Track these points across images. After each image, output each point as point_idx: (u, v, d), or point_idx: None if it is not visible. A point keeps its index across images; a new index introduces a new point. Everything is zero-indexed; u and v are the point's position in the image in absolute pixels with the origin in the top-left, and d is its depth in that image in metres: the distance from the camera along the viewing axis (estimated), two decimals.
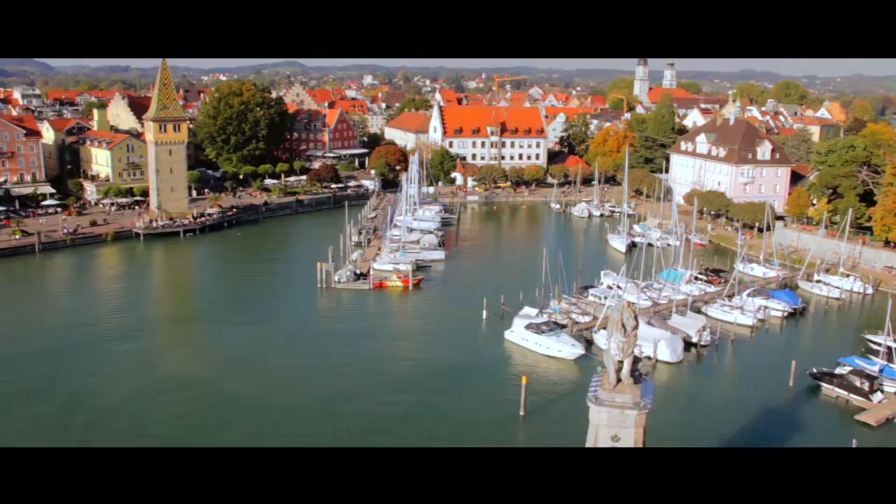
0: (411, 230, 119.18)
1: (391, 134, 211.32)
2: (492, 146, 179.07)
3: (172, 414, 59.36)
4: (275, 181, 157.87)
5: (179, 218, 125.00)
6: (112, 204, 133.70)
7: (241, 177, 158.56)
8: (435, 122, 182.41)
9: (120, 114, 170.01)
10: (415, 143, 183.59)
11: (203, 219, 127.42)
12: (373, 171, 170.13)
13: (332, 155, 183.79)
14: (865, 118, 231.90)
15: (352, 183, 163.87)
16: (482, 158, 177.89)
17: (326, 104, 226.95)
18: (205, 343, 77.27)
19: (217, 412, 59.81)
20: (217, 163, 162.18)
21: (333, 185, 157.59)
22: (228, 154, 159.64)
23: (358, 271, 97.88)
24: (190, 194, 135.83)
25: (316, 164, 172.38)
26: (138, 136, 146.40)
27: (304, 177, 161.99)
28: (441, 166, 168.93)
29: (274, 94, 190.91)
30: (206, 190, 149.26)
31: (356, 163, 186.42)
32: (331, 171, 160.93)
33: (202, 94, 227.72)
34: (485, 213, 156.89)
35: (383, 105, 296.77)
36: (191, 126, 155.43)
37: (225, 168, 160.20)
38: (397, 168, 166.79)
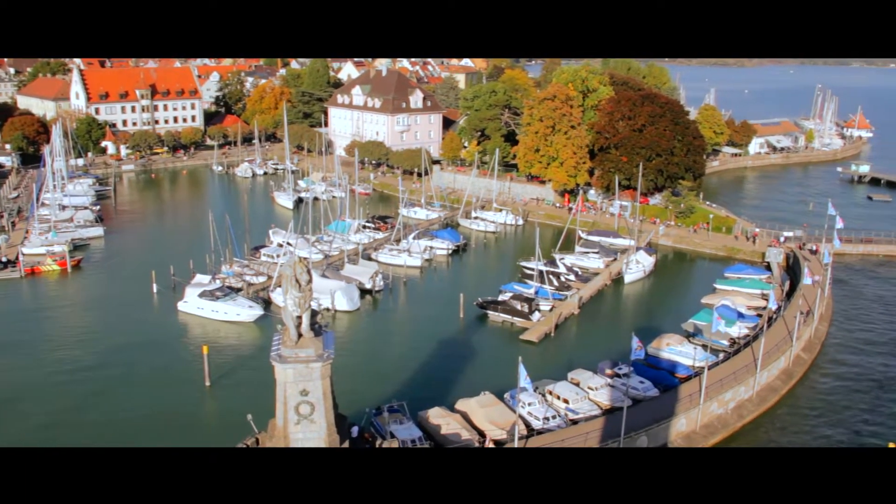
0: (63, 207, 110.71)
1: (26, 103, 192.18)
2: (143, 110, 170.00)
3: None
4: None
5: None
6: None
7: None
8: (77, 87, 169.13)
9: None
10: (55, 111, 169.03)
11: None
12: (8, 146, 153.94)
13: None
14: (503, 65, 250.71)
15: None
16: (134, 124, 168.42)
17: None
18: None
19: None
20: None
21: None
22: None
23: (4, 258, 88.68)
24: None
25: None
26: None
27: None
28: (89, 135, 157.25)
29: None
30: None
31: None
32: None
33: None
34: (143, 181, 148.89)
35: (12, 70, 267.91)
36: None
37: None
38: (38, 141, 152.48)
